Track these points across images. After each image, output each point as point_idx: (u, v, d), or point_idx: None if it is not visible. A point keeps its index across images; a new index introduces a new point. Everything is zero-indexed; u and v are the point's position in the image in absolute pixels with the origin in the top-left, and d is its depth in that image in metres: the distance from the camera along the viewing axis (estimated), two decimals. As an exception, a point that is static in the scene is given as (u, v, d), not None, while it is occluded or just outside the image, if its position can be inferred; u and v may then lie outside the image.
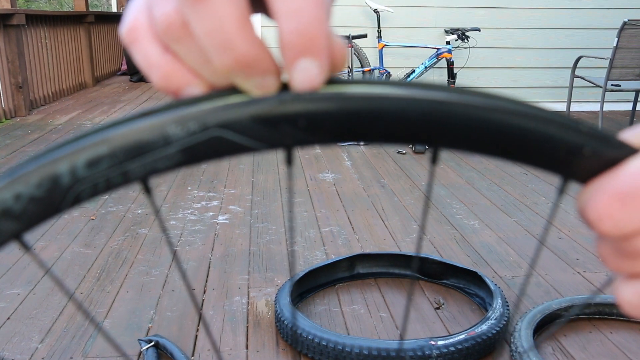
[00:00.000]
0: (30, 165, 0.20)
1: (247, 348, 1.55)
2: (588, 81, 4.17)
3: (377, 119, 0.19)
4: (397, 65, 4.77)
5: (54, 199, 0.19)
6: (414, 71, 4.54)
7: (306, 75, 0.19)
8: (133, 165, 0.19)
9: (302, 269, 1.91)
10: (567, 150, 0.20)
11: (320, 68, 0.19)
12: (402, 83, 0.20)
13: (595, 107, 4.59)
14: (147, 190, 0.21)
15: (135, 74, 7.16)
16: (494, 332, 1.54)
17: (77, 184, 0.19)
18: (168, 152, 0.19)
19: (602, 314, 1.72)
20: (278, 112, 0.19)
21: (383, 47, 4.66)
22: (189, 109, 0.19)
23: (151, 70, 0.21)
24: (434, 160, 0.22)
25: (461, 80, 4.73)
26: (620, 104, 4.87)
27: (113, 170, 0.19)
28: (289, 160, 0.21)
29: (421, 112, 0.19)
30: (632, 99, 4.57)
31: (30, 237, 2.27)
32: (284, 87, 0.20)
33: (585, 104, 4.88)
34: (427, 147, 3.72)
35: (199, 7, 0.19)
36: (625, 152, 0.20)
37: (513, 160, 0.21)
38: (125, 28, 0.21)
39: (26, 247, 0.21)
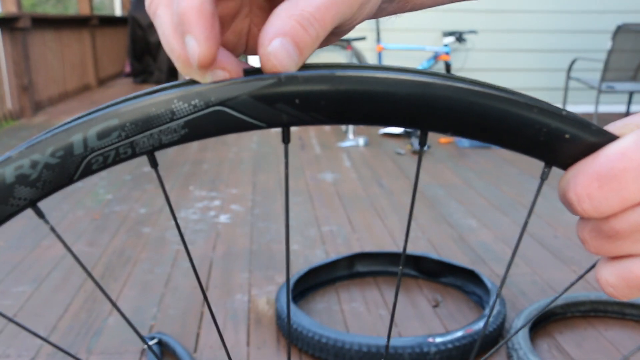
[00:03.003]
0: (45, 135, 0.21)
1: (248, 345, 1.58)
2: (583, 83, 4.20)
3: (367, 99, 0.20)
4: (397, 67, 4.81)
5: (67, 167, 0.21)
6: (412, 73, 4.58)
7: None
8: (141, 138, 0.21)
9: (302, 268, 1.94)
10: (549, 135, 0.21)
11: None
12: (391, 67, 0.21)
13: (590, 108, 4.62)
14: (154, 164, 0.23)
15: (138, 76, 7.21)
16: (490, 329, 1.57)
17: (89, 153, 0.21)
18: (173, 126, 0.21)
19: (597, 311, 1.74)
20: (275, 91, 0.20)
21: (382, 49, 4.69)
22: (194, 87, 0.21)
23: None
24: (422, 142, 0.23)
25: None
26: (615, 106, 4.90)
27: (122, 142, 0.21)
28: (285, 139, 0.22)
29: (408, 93, 0.20)
30: (626, 101, 4.60)
31: (35, 236, 2.31)
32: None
33: (580, 106, 4.91)
34: (426, 148, 3.75)
35: (154, 19, 0.22)
36: (604, 138, 0.21)
37: (497, 143, 0.21)
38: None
39: (40, 215, 0.23)
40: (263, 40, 0.20)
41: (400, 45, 4.66)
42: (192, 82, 0.21)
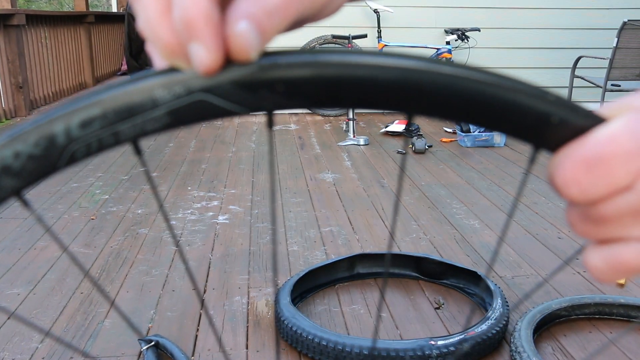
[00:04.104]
0: (28, 125, 0.21)
1: (247, 348, 1.56)
2: (588, 81, 4.17)
3: (351, 84, 0.20)
4: (397, 66, 4.79)
5: (50, 157, 0.21)
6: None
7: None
8: (123, 126, 0.21)
9: (302, 269, 1.91)
10: (536, 118, 0.21)
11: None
12: (376, 52, 0.21)
13: (595, 107, 4.58)
14: (137, 151, 0.22)
15: (135, 74, 7.15)
16: (493, 332, 1.54)
17: (71, 143, 0.21)
18: (156, 114, 0.21)
19: (601, 313, 1.72)
20: (258, 77, 0.20)
21: (383, 47, 4.66)
22: (175, 74, 0.21)
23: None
24: (408, 126, 0.23)
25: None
26: (621, 105, 4.88)
27: (105, 131, 0.21)
28: (270, 124, 0.22)
29: (393, 78, 0.20)
30: (632, 99, 4.56)
31: (30, 237, 2.27)
32: (264, 54, 0.21)
33: (585, 104, 4.90)
34: (427, 147, 3.72)
35: (135, 2, 0.21)
36: (593, 121, 0.21)
37: (485, 126, 0.21)
38: None
39: (26, 204, 0.22)
40: (229, 20, 0.20)
41: (401, 43, 4.63)
42: (174, 69, 0.21)
